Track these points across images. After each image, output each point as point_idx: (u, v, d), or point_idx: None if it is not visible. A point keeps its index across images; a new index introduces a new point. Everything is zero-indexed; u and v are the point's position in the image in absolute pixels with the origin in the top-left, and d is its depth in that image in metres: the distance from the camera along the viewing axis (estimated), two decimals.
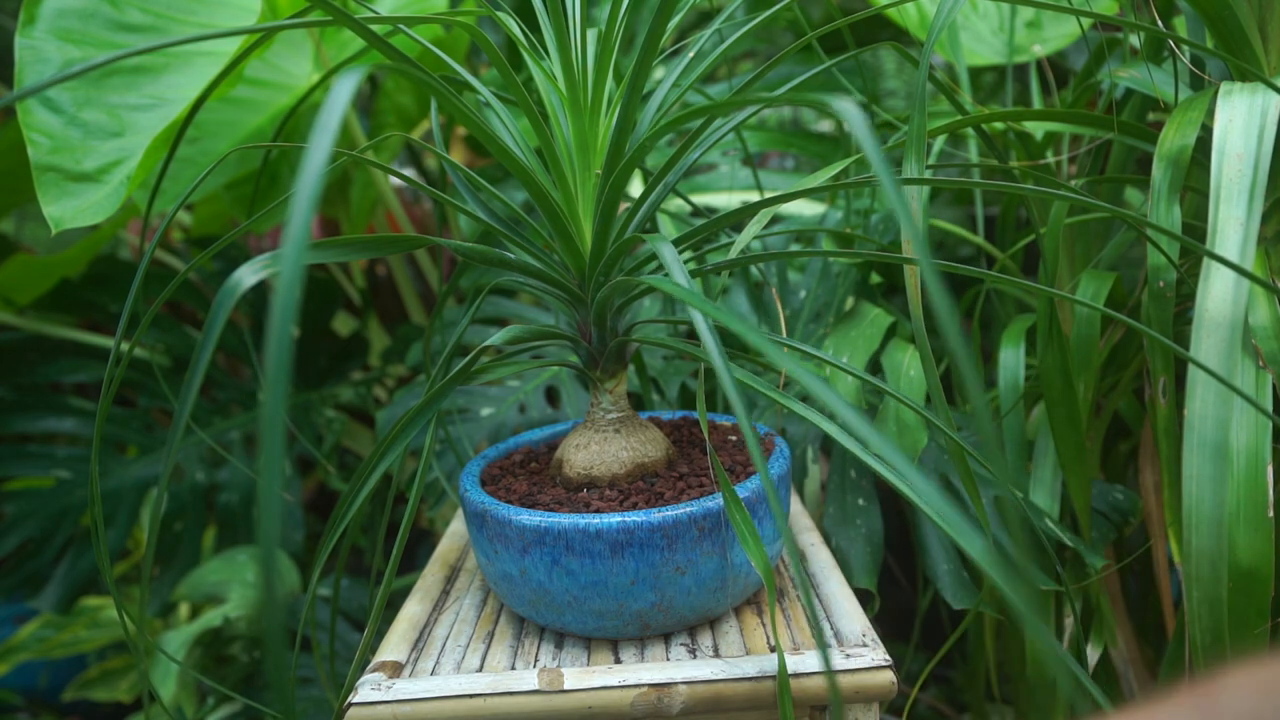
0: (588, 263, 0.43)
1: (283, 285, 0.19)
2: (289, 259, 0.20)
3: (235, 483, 0.97)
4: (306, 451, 1.01)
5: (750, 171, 0.90)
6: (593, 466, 0.45)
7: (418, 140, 0.45)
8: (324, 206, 1.09)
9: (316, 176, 0.20)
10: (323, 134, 0.21)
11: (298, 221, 0.20)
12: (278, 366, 0.19)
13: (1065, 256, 0.70)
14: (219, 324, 0.27)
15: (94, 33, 0.68)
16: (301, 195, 0.20)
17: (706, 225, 0.42)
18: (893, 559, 0.87)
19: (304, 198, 0.20)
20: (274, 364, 0.19)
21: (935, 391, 0.43)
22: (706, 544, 0.40)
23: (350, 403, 1.02)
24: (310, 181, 0.20)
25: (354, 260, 1.11)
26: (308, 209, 0.20)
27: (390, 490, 0.47)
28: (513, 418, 0.78)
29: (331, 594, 0.49)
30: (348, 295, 1.17)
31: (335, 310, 1.11)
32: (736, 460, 0.47)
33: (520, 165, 0.38)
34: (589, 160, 0.43)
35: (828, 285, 0.77)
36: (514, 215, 0.46)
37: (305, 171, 0.20)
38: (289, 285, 0.20)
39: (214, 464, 0.99)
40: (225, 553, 0.90)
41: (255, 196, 0.59)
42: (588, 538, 0.39)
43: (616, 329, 0.46)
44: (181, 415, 0.28)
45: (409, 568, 1.01)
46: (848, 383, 0.58)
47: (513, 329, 0.42)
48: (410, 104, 0.96)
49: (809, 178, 0.45)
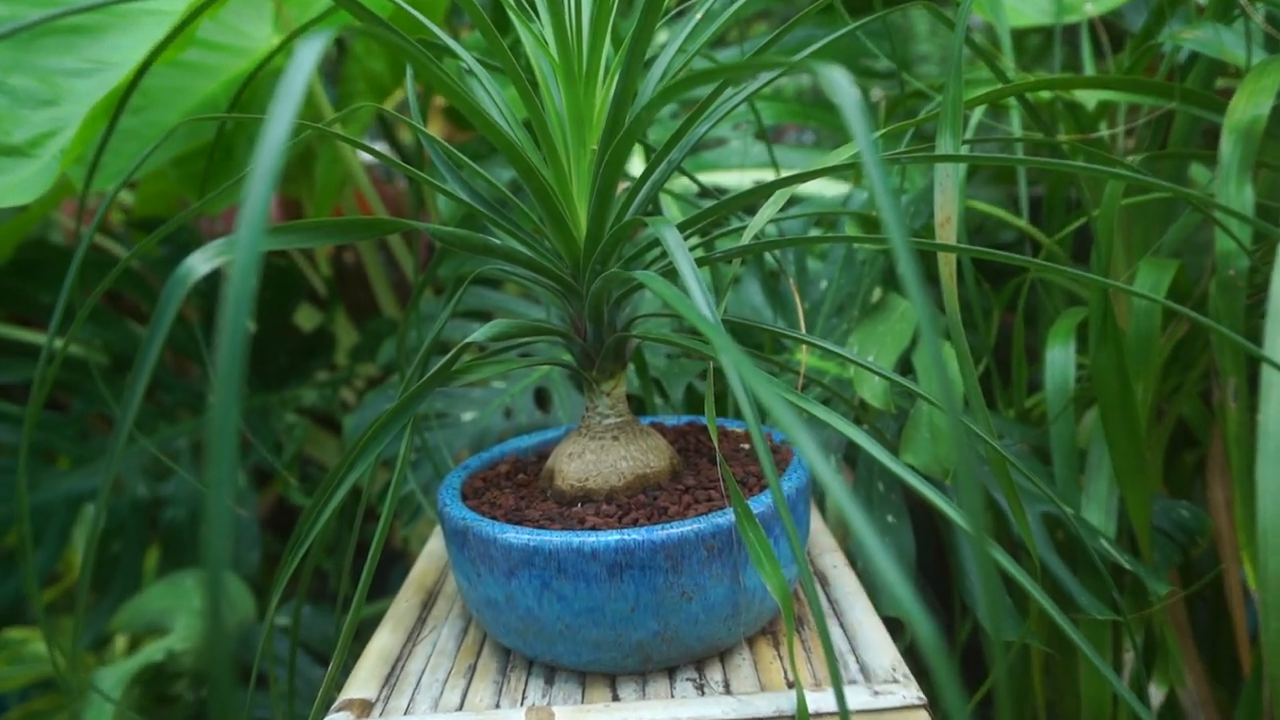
0: (582, 249, 0.43)
1: (237, 274, 0.20)
2: (245, 244, 0.20)
3: (182, 497, 0.97)
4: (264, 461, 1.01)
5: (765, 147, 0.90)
6: (588, 478, 0.45)
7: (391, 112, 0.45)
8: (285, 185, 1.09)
9: (277, 152, 0.20)
10: (285, 104, 0.21)
11: (255, 202, 0.20)
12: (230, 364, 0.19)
13: (1121, 242, 0.70)
14: (167, 318, 0.27)
15: None
16: (260, 173, 0.20)
17: (716, 207, 0.42)
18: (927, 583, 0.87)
19: (263, 176, 0.20)
20: (226, 361, 0.19)
21: (974, 394, 0.43)
22: (716, 565, 0.40)
23: (314, 406, 1.02)
24: (270, 157, 0.20)
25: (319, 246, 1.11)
26: (266, 189, 0.20)
27: (359, 505, 0.47)
28: (498, 423, 0.78)
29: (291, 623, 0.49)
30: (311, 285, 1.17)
31: (297, 302, 1.11)
32: (750, 471, 0.47)
33: (507, 140, 0.38)
34: (584, 134, 0.43)
35: (852, 275, 0.77)
36: (499, 196, 0.46)
37: (265, 146, 0.20)
38: (244, 274, 0.20)
39: (158, 476, 0.99)
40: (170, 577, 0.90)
41: (207, 173, 0.59)
42: (582, 558, 0.39)
43: (615, 323, 0.46)
44: (125, 422, 0.28)
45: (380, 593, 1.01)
46: (875, 384, 0.58)
47: (498, 324, 0.42)
48: (383, 70, 0.96)
49: (830, 154, 0.45)
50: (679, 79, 0.30)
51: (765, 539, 0.37)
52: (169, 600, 0.86)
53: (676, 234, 0.34)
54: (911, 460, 0.56)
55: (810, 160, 0.92)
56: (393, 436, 0.41)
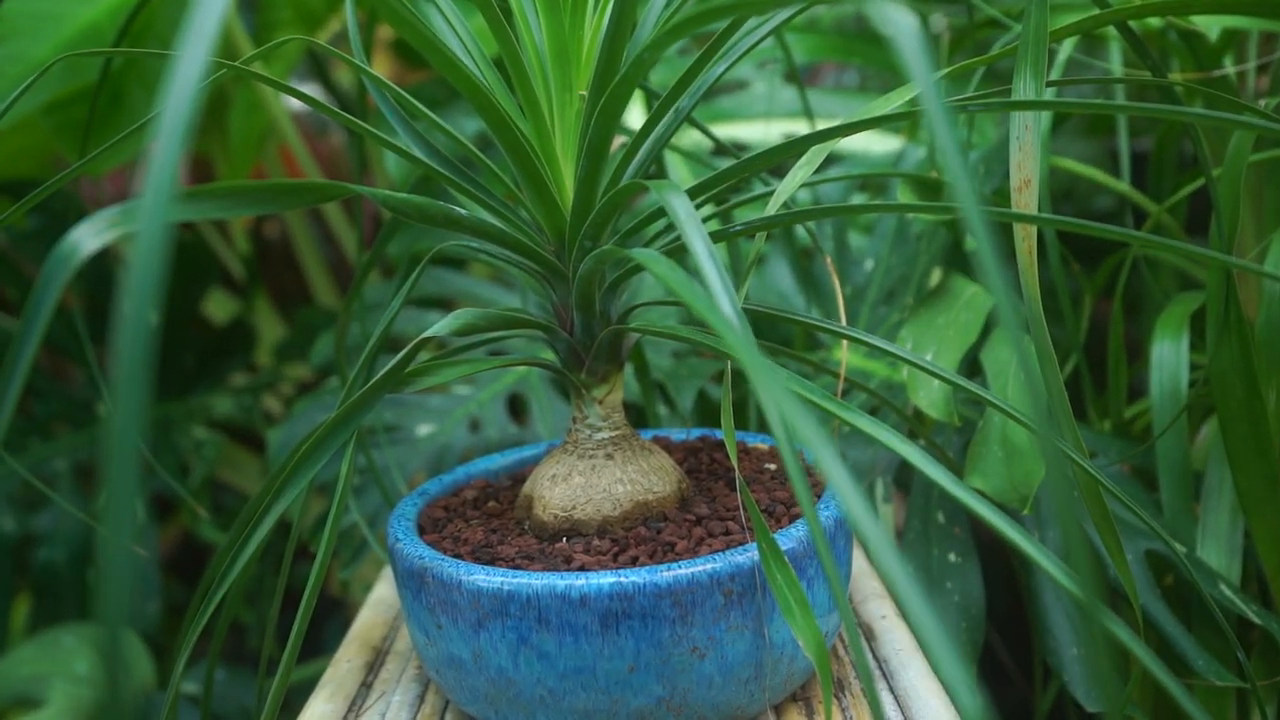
0: (568, 221, 0.43)
1: (142, 252, 0.20)
2: (150, 215, 0.20)
3: (61, 533, 0.98)
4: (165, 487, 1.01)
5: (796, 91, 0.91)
6: (575, 506, 0.46)
7: (324, 46, 0.45)
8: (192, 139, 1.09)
9: (189, 99, 0.21)
10: (198, 39, 0.22)
11: (163, 163, 0.21)
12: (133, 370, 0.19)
13: (1249, 210, 0.71)
14: (45, 309, 0.27)
15: None
16: (169, 126, 0.20)
17: (735, 169, 0.42)
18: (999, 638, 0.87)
19: (172, 130, 0.21)
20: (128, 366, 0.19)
21: (1058, 402, 0.43)
22: (735, 615, 0.41)
23: (229, 418, 1.03)
24: (181, 106, 0.20)
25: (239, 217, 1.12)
26: (176, 146, 0.21)
27: (289, 542, 0.47)
28: (461, 438, 0.78)
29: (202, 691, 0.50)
30: (225, 266, 1.18)
31: (207, 287, 1.11)
32: (776, 498, 0.48)
33: (473, 83, 0.39)
34: (570, 76, 0.44)
35: (905, 252, 0.77)
36: (464, 153, 0.47)
37: (174, 93, 0.21)
38: (150, 253, 0.20)
39: (29, 506, 0.99)
40: (44, 635, 0.90)
41: (91, 123, 0.59)
42: (569, 606, 0.40)
43: (608, 314, 0.47)
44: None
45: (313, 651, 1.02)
46: (933, 389, 0.59)
47: (463, 314, 0.43)
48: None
49: (879, 100, 0.46)
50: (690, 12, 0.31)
51: (796, 582, 0.38)
52: (43, 664, 0.86)
53: (687, 202, 0.34)
54: (980, 485, 0.56)
55: (853, 107, 0.93)
56: (331, 456, 0.42)
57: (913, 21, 0.25)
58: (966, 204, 0.24)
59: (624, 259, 0.41)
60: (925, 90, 0.23)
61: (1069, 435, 0.43)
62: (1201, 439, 0.69)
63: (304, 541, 0.88)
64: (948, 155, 0.24)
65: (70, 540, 0.97)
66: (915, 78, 0.24)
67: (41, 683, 0.85)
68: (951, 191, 0.68)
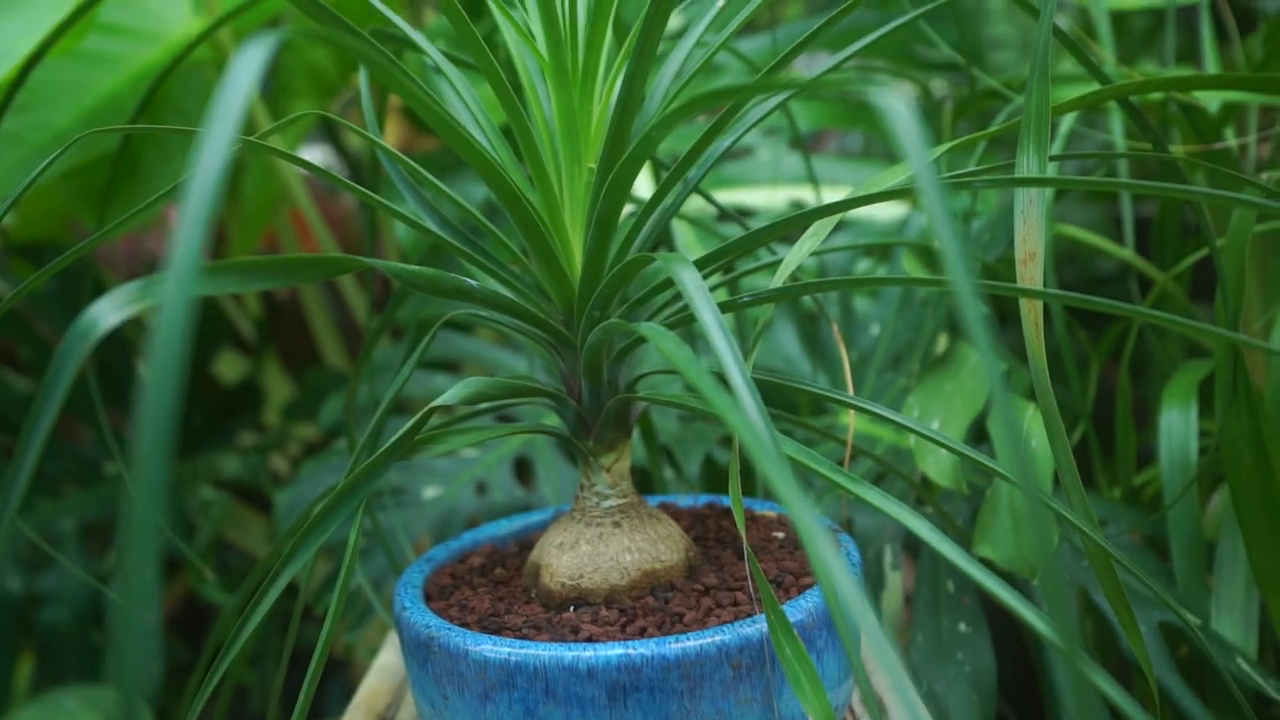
0: (577, 292, 0.44)
1: (165, 331, 0.20)
2: (175, 294, 0.21)
3: (65, 593, 0.97)
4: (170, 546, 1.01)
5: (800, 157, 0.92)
6: (583, 575, 0.46)
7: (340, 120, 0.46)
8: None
9: (213, 184, 0.21)
10: (223, 123, 0.22)
11: (187, 242, 0.21)
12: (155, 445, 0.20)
13: (1256, 279, 0.71)
14: (64, 381, 0.28)
15: None
16: (193, 210, 0.21)
17: (743, 241, 0.43)
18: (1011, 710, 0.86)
19: (196, 213, 0.21)
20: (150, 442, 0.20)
21: (1067, 471, 0.43)
22: (744, 688, 0.41)
23: (236, 478, 1.03)
24: (206, 191, 0.21)
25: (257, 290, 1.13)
26: (200, 226, 0.21)
27: (296, 606, 0.47)
28: (467, 502, 0.78)
29: None
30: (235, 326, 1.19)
31: (218, 347, 1.12)
32: (784, 567, 0.48)
33: (486, 159, 0.39)
34: (579, 150, 0.44)
35: (910, 318, 0.77)
36: (469, 219, 0.47)
37: (200, 177, 0.21)
38: (174, 332, 0.20)
39: (34, 565, 0.99)
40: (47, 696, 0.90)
41: (110, 191, 0.60)
42: (576, 678, 0.40)
43: (616, 382, 0.47)
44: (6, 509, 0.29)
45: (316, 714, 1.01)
46: (941, 457, 0.59)
47: (473, 383, 0.43)
48: (327, 63, 0.98)
49: (884, 173, 0.46)
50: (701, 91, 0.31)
51: (806, 655, 0.38)
52: None
53: (696, 275, 0.35)
54: (989, 554, 0.56)
55: (856, 173, 0.94)
56: (341, 522, 0.42)
57: (908, 108, 0.26)
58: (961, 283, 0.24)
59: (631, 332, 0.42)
60: (923, 180, 0.24)
61: (1078, 505, 0.43)
62: (1213, 508, 0.68)
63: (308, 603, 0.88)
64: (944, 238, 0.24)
65: (75, 601, 0.96)
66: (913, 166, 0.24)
67: None
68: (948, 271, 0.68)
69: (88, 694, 0.87)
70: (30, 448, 0.27)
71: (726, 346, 0.32)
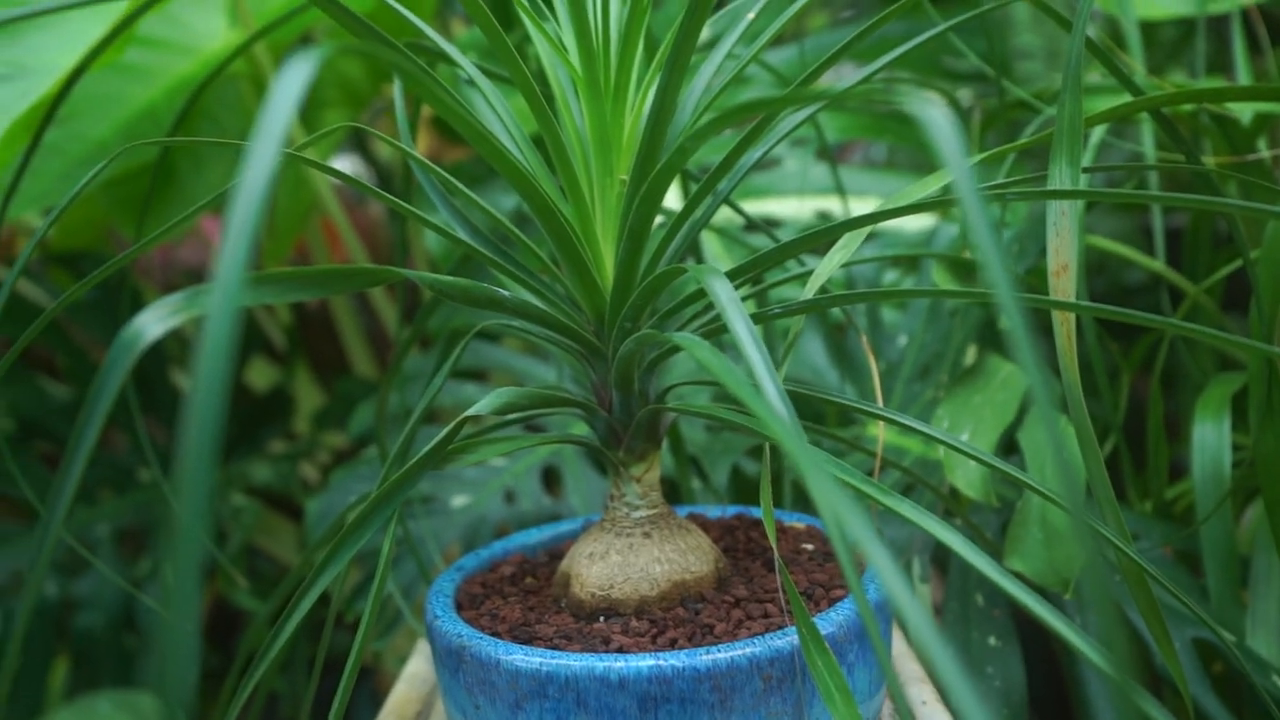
0: (609, 302, 0.44)
1: (212, 342, 0.21)
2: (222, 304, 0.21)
3: (100, 598, 0.98)
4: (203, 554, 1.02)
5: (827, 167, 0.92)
6: (613, 585, 0.46)
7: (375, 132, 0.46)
8: None
9: (259, 198, 0.21)
10: (268, 139, 0.22)
11: (233, 256, 0.21)
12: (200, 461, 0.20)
13: None
14: (110, 391, 0.28)
15: None
16: (239, 223, 0.21)
17: (773, 253, 0.43)
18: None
19: (242, 226, 0.21)
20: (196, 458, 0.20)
21: (1099, 484, 0.43)
22: (775, 701, 0.40)
23: (267, 485, 1.03)
24: (252, 205, 0.21)
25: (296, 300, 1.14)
26: (246, 241, 0.21)
27: (329, 613, 0.47)
28: (496, 510, 0.78)
29: None
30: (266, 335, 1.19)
31: (250, 356, 1.13)
32: (814, 580, 0.48)
33: (520, 171, 0.39)
34: (611, 161, 0.44)
35: (939, 329, 0.77)
36: (501, 230, 0.48)
37: (246, 191, 0.21)
38: (220, 342, 0.21)
39: (70, 570, 1.00)
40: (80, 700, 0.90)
41: (148, 202, 0.61)
42: (607, 688, 0.40)
43: (647, 393, 0.47)
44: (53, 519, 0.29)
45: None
46: (970, 469, 0.58)
47: (505, 394, 0.43)
48: (358, 74, 0.99)
49: (915, 185, 0.46)
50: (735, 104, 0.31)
51: (837, 667, 0.38)
52: None
53: (728, 286, 0.35)
54: (1020, 567, 0.55)
55: (882, 184, 0.94)
56: (374, 531, 0.42)
57: (949, 118, 0.26)
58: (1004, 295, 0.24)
59: (664, 342, 0.42)
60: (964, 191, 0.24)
61: (1111, 519, 0.43)
62: (1247, 522, 0.67)
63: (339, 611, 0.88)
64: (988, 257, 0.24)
65: (109, 606, 0.97)
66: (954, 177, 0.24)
67: None
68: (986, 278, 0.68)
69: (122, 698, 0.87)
70: (77, 458, 0.27)
71: (760, 358, 0.32)
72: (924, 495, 0.68)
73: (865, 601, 0.31)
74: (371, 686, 1.05)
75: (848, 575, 0.28)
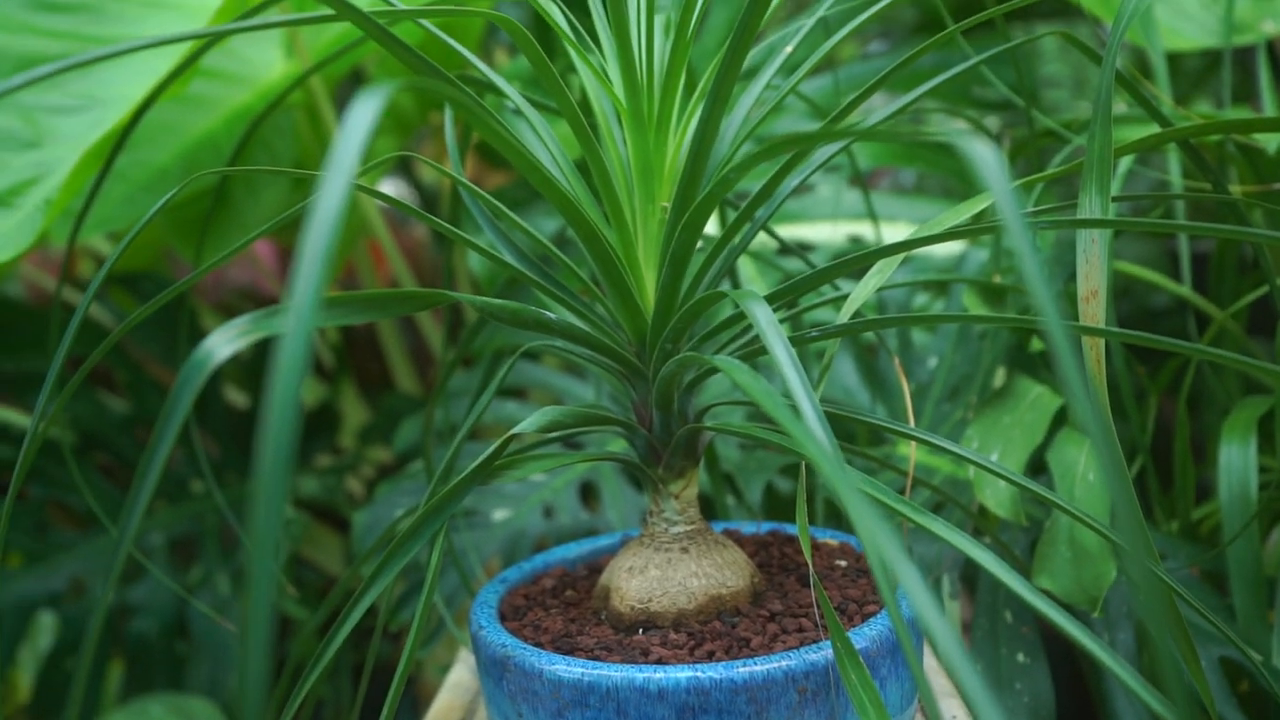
0: (650, 325, 0.44)
1: (287, 362, 0.21)
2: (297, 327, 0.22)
3: (154, 605, 1.00)
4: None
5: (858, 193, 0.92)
6: (652, 599, 0.46)
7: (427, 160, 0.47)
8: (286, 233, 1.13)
9: (333, 226, 0.22)
10: (340, 171, 0.23)
11: (308, 280, 0.22)
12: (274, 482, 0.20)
13: None
14: (183, 407, 0.29)
15: (9, 13, 0.74)
16: (313, 249, 0.22)
17: (811, 278, 0.43)
18: None
19: (316, 252, 0.22)
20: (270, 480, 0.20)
21: (1126, 504, 0.43)
22: (809, 713, 0.41)
23: (313, 498, 1.05)
24: (325, 232, 0.22)
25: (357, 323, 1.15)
26: (320, 267, 0.22)
27: (377, 623, 0.48)
28: (535, 524, 0.79)
29: None
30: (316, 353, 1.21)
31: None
32: (848, 595, 0.48)
33: (566, 197, 0.40)
34: (653, 189, 0.45)
35: (968, 351, 0.77)
36: (543, 252, 0.48)
37: (319, 219, 0.22)
38: (295, 362, 0.21)
39: (126, 577, 1.01)
40: (134, 703, 0.92)
41: (207, 227, 0.62)
42: (647, 699, 0.40)
43: (686, 412, 0.48)
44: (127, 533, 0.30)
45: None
46: (1000, 489, 0.58)
47: (549, 413, 0.44)
48: (408, 103, 1.00)
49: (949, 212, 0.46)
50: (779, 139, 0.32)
51: (870, 681, 0.38)
52: None
53: (768, 311, 0.35)
54: (1048, 585, 0.55)
55: (912, 209, 0.94)
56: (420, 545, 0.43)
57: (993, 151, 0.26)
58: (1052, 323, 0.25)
59: (704, 364, 0.42)
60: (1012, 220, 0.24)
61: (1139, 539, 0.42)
62: (1273, 544, 0.67)
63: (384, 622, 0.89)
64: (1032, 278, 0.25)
65: (162, 612, 0.99)
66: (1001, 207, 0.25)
67: None
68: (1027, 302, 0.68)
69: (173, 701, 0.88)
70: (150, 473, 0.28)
71: (799, 381, 0.32)
72: (954, 513, 0.68)
73: (900, 617, 0.31)
74: (413, 694, 1.05)
75: (883, 591, 0.28)
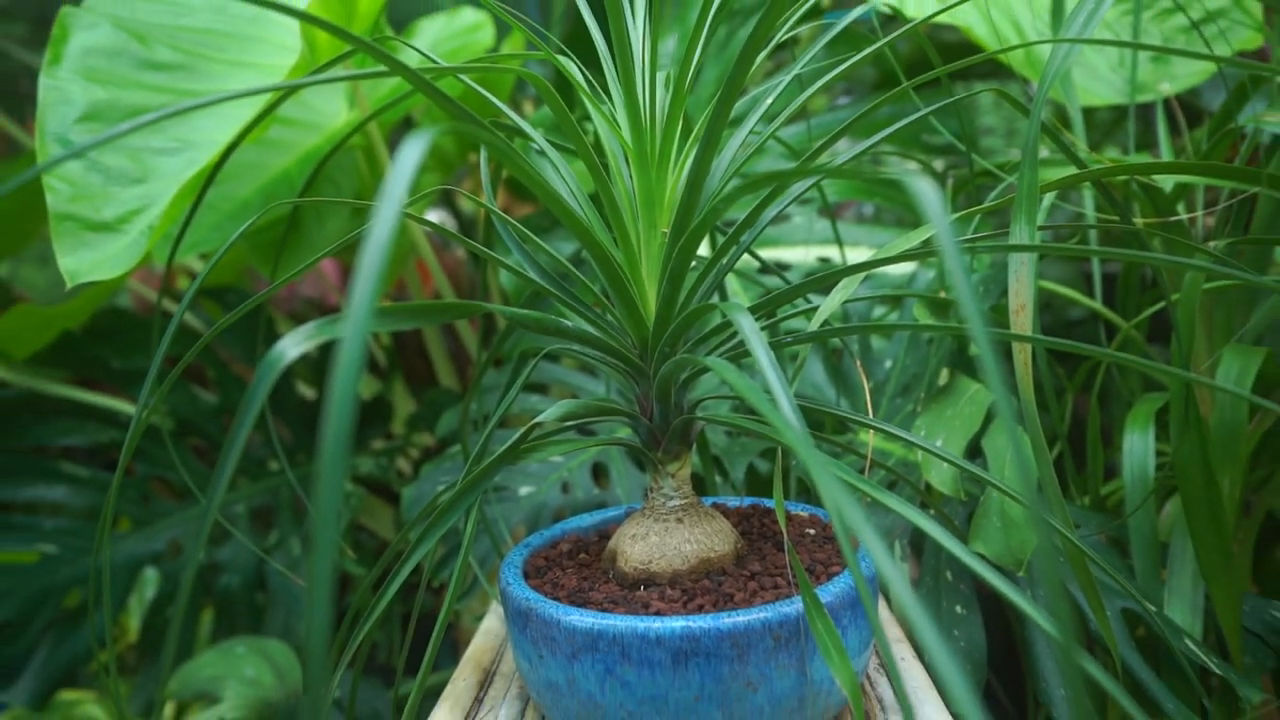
0: (651, 331, 0.44)
1: (346, 361, 0.21)
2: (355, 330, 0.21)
3: (238, 563, 1.00)
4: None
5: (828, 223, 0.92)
6: (652, 561, 0.46)
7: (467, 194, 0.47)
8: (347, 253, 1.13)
9: (385, 247, 0.22)
10: (391, 201, 0.23)
11: (364, 292, 0.22)
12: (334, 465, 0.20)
13: (1203, 327, 0.70)
14: (260, 398, 0.29)
15: (121, 72, 0.74)
16: (369, 266, 0.22)
17: (788, 292, 0.43)
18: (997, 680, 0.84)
19: (371, 268, 0.22)
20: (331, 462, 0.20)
21: (1048, 482, 0.42)
22: (783, 656, 0.40)
23: (369, 475, 1.05)
24: (379, 252, 0.22)
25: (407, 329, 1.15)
26: (375, 281, 0.22)
27: (421, 581, 0.48)
28: (554, 498, 0.79)
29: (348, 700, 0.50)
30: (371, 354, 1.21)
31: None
32: (815, 558, 0.47)
33: (583, 225, 0.40)
34: (655, 217, 0.45)
35: (918, 355, 0.77)
36: (562, 270, 0.48)
37: (374, 241, 0.22)
38: (353, 361, 0.21)
39: (215, 540, 1.01)
40: (222, 644, 0.92)
41: (282, 248, 0.62)
42: (647, 644, 0.40)
43: (681, 405, 0.47)
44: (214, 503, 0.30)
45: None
46: (943, 470, 0.58)
47: (567, 404, 0.43)
48: (449, 145, 1.00)
49: (902, 238, 0.46)
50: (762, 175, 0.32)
51: (834, 629, 0.37)
52: (220, 668, 0.87)
53: (751, 320, 0.35)
54: (982, 549, 0.55)
55: (872, 236, 0.93)
56: (458, 515, 0.43)
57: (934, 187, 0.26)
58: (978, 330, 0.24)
59: (697, 364, 0.42)
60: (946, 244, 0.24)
61: (1057, 511, 0.42)
62: (1166, 515, 0.67)
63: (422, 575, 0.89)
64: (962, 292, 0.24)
65: (245, 570, 0.99)
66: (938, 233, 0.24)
67: (219, 682, 0.86)
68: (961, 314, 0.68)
69: (254, 643, 0.88)
70: (233, 452, 0.28)
71: (777, 378, 0.32)
72: (905, 490, 0.68)
73: (860, 574, 0.31)
74: (452, 638, 1.05)
75: (846, 553, 0.28)
